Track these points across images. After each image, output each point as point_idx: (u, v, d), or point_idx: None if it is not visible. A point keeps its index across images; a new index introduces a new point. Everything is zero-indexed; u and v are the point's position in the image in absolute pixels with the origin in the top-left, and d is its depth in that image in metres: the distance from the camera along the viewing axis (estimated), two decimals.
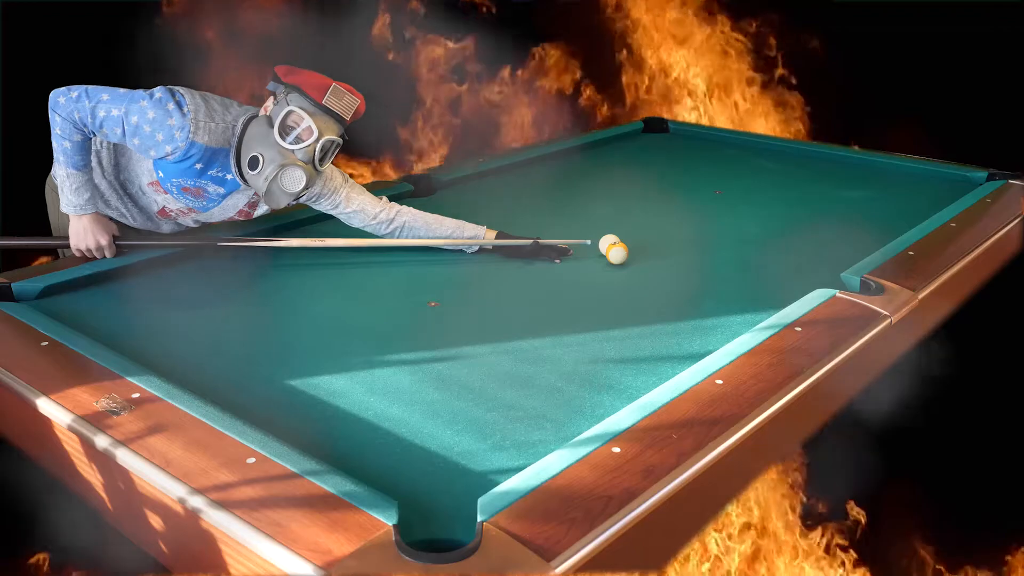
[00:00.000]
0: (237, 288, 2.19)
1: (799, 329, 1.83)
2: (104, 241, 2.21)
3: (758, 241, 2.54)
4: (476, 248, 2.41)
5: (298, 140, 2.09)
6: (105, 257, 2.23)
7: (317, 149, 2.11)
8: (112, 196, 2.29)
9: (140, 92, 2.10)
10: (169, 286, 2.17)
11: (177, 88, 2.11)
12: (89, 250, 2.21)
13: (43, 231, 2.46)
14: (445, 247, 2.41)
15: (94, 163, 2.25)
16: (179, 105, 2.07)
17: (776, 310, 1.93)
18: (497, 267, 2.34)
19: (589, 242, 2.40)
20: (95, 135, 2.12)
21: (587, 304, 2.10)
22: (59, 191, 2.19)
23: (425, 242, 2.39)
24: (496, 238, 2.39)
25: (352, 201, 2.35)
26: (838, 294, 2.00)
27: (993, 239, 2.48)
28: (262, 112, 2.15)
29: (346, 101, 2.12)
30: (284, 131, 2.09)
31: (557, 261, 2.37)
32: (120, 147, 2.21)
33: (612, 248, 2.32)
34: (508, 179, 3.19)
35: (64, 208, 2.18)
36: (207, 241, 2.34)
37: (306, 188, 2.12)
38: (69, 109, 2.07)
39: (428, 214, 2.41)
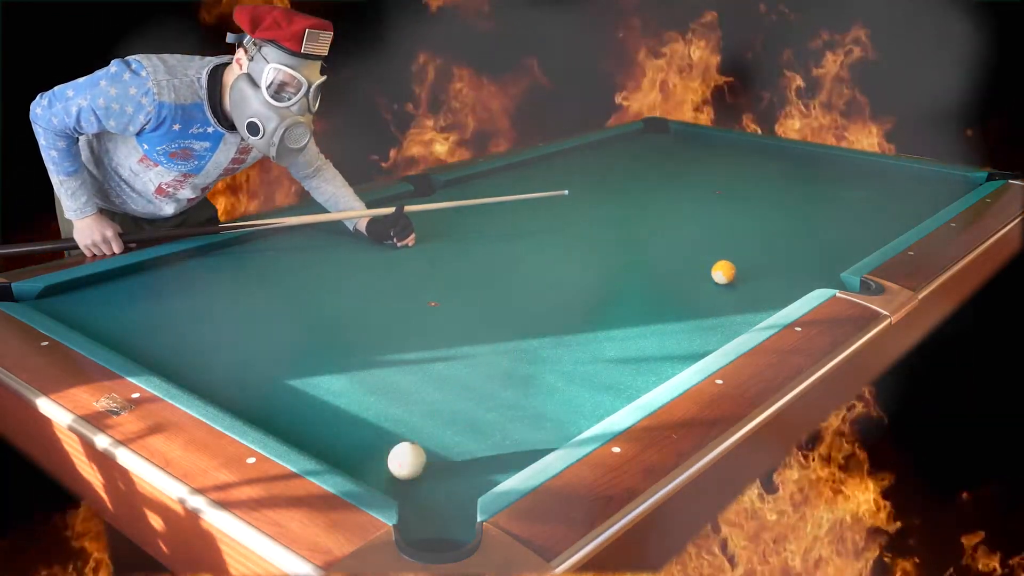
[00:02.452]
0: (237, 288, 2.19)
1: (799, 329, 1.83)
2: (109, 233, 2.24)
3: (758, 241, 2.54)
4: (354, 225, 2.48)
5: (290, 97, 2.07)
6: (113, 252, 2.25)
7: (309, 98, 2.10)
8: (110, 187, 2.30)
9: (99, 73, 2.08)
10: (169, 286, 2.17)
11: (133, 56, 2.09)
12: (96, 244, 2.23)
13: (44, 231, 2.46)
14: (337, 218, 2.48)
15: (86, 156, 2.26)
16: (135, 72, 2.05)
17: (776, 310, 1.93)
18: (497, 267, 2.34)
19: (567, 192, 2.60)
20: (79, 134, 2.12)
21: (587, 304, 2.10)
22: (59, 200, 2.23)
23: (326, 217, 2.45)
24: (368, 223, 2.45)
25: (311, 149, 2.43)
26: (838, 294, 1.99)
27: (993, 239, 2.48)
28: (236, 67, 2.10)
29: (322, 40, 2.06)
30: (275, 92, 2.06)
31: (397, 244, 2.40)
32: (103, 133, 2.20)
33: (716, 270, 2.18)
34: (508, 179, 3.19)
35: (67, 214, 2.23)
36: (210, 227, 2.40)
37: (311, 136, 2.16)
38: (47, 118, 2.08)
39: (341, 183, 2.48)
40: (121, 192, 2.30)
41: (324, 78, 2.13)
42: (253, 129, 2.09)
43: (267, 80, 2.05)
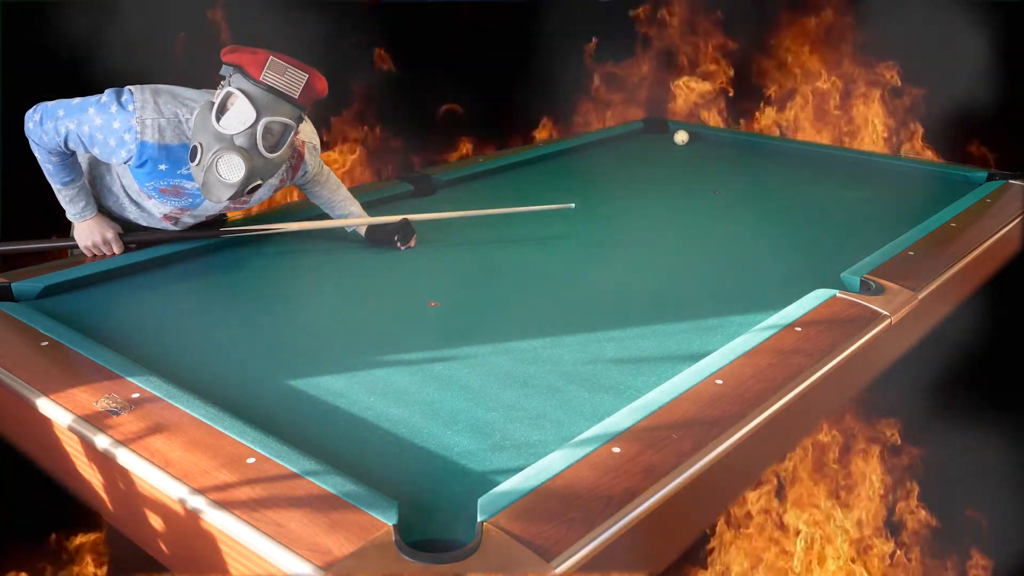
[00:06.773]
0: (237, 288, 2.19)
1: (799, 329, 1.83)
2: (109, 235, 2.22)
3: (758, 241, 2.54)
4: (352, 228, 2.46)
5: (237, 123, 1.92)
6: (114, 253, 2.23)
7: (258, 133, 1.92)
8: (125, 201, 2.26)
9: (90, 98, 2.01)
10: (169, 286, 2.17)
11: (130, 86, 2.02)
12: (96, 246, 2.22)
13: (44, 231, 2.46)
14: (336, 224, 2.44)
15: (97, 174, 2.23)
16: (123, 106, 1.98)
17: (776, 310, 1.93)
18: (497, 267, 2.34)
19: (573, 205, 2.55)
20: (71, 151, 2.08)
21: (587, 304, 2.10)
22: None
23: (328, 224, 2.42)
24: (367, 228, 2.43)
25: (331, 178, 2.40)
26: (838, 294, 1.99)
27: (993, 239, 2.48)
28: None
29: (289, 76, 1.92)
30: (221, 114, 1.93)
31: (400, 247, 2.39)
32: None
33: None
34: (508, 179, 3.19)
35: (67, 217, 2.22)
36: (210, 231, 2.36)
37: (249, 178, 1.94)
38: (37, 134, 2.04)
39: (335, 184, 2.43)
40: (135, 208, 2.25)
41: (286, 121, 1.96)
42: (193, 153, 1.94)
43: (219, 102, 1.92)
